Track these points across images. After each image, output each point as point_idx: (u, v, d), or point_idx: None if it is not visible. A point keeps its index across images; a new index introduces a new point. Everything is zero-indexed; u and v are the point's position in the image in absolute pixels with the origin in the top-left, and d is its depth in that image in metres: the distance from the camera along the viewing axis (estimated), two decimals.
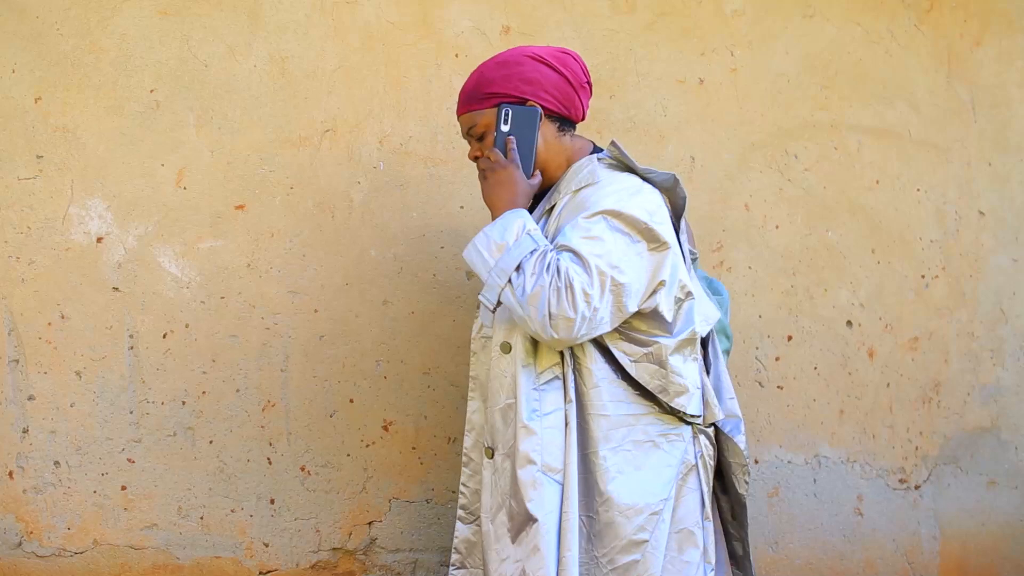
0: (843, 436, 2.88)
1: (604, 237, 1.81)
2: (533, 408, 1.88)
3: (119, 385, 2.38)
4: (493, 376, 1.95)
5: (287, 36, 2.47)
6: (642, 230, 1.84)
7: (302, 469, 2.48)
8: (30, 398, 2.35)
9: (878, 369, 2.92)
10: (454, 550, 2.08)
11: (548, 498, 1.86)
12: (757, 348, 2.80)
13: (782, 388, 2.84)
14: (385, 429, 2.53)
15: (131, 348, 2.39)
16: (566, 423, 1.88)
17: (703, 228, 2.73)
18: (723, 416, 2.00)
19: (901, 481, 2.94)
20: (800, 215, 2.85)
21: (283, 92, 2.47)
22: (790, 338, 2.84)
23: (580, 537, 1.87)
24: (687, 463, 1.94)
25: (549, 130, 1.98)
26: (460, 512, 2.07)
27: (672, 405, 1.91)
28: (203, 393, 2.42)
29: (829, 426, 2.87)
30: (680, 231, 1.99)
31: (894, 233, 2.93)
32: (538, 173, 1.97)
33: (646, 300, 1.86)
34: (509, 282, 1.81)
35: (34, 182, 2.35)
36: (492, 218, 1.92)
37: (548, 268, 1.78)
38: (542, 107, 1.95)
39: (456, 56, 2.57)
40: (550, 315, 1.77)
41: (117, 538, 2.39)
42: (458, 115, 2.02)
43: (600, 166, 1.96)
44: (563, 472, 1.87)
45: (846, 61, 2.90)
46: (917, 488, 2.96)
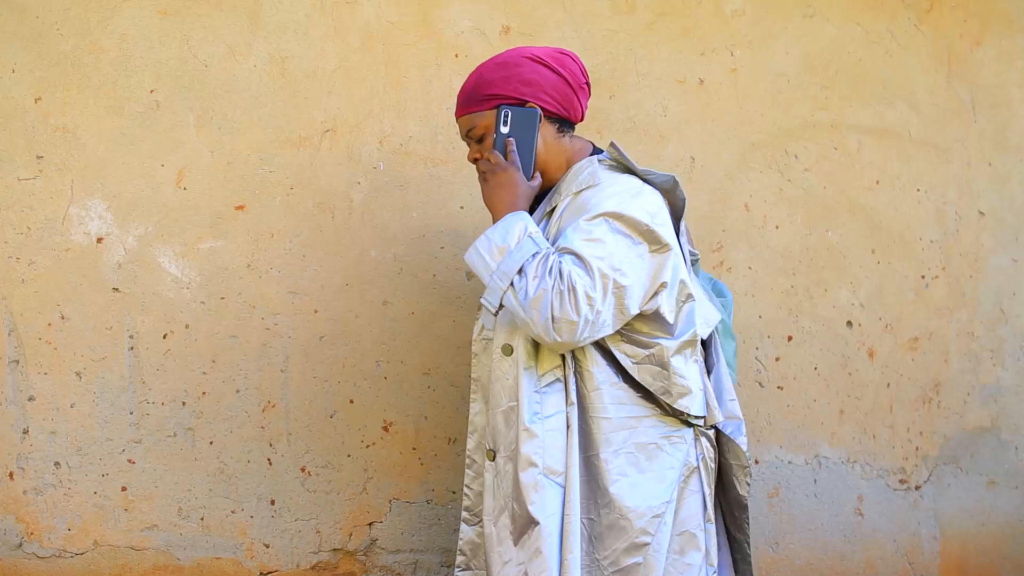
0: (843, 436, 2.88)
1: (606, 239, 1.81)
2: (534, 411, 1.88)
3: (119, 386, 2.38)
4: (495, 378, 1.95)
5: (287, 36, 2.47)
6: (643, 232, 1.84)
7: (302, 470, 2.48)
8: (30, 399, 2.35)
9: (878, 369, 2.92)
10: (459, 551, 2.08)
11: (550, 501, 1.86)
12: (757, 348, 2.80)
13: (782, 388, 2.83)
14: (385, 430, 2.53)
15: (131, 349, 2.39)
16: (567, 425, 1.88)
17: (703, 228, 2.73)
18: (723, 418, 2.00)
19: (901, 481, 2.94)
20: (800, 215, 2.85)
21: (283, 92, 2.47)
22: (790, 338, 2.84)
23: (582, 540, 1.87)
24: (689, 465, 1.94)
25: (548, 131, 1.98)
26: (464, 514, 2.07)
27: (675, 407, 1.90)
28: (203, 394, 2.42)
29: (829, 426, 2.87)
30: (680, 233, 1.99)
31: (894, 233, 2.93)
32: (538, 175, 1.97)
33: (647, 302, 1.86)
34: (511, 285, 1.80)
35: (34, 182, 2.35)
36: (493, 221, 1.91)
37: (550, 271, 1.78)
38: (541, 108, 1.95)
39: (456, 56, 2.57)
40: (553, 318, 1.77)
41: (117, 539, 2.39)
42: (457, 117, 2.02)
43: (601, 167, 1.96)
44: (565, 475, 1.87)
45: (846, 61, 2.89)
46: (917, 488, 2.96)
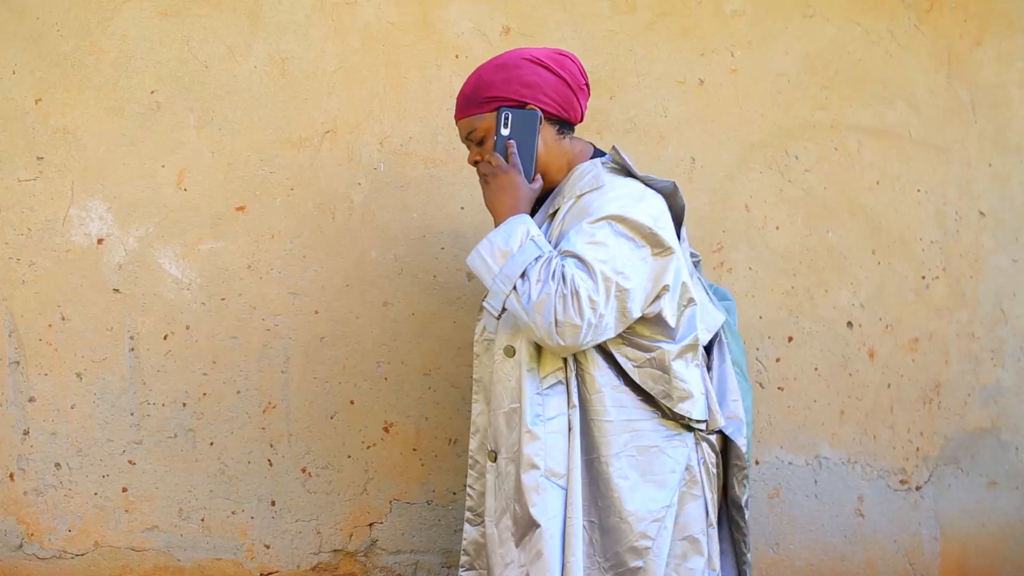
0: (844, 437, 2.88)
1: (609, 243, 1.81)
2: (536, 413, 1.87)
3: (120, 387, 2.38)
4: (496, 380, 1.94)
5: (287, 37, 2.47)
6: (646, 235, 1.84)
7: (303, 471, 2.48)
8: (31, 400, 2.35)
9: (878, 370, 2.92)
10: (463, 552, 2.08)
11: (551, 503, 1.85)
12: (758, 349, 2.80)
13: (783, 389, 2.83)
14: (386, 430, 2.53)
15: (132, 350, 2.39)
16: (569, 428, 1.88)
17: (703, 229, 2.73)
18: (724, 422, 1.99)
19: (902, 482, 2.94)
20: (800, 216, 2.85)
21: (283, 93, 2.47)
22: (790, 339, 2.84)
23: (583, 542, 1.87)
24: (690, 469, 1.93)
25: (549, 133, 1.97)
26: (468, 514, 2.07)
27: (676, 411, 1.90)
28: (204, 395, 2.42)
29: (830, 427, 2.87)
30: (681, 238, 1.99)
31: (894, 234, 2.93)
32: (539, 177, 1.96)
33: (649, 305, 1.86)
34: (514, 289, 1.80)
35: (34, 183, 2.35)
36: (495, 224, 1.91)
37: (553, 275, 1.77)
38: (542, 110, 1.94)
39: (456, 57, 2.57)
40: (556, 322, 1.76)
41: (118, 540, 2.39)
42: (456, 120, 2.01)
43: (604, 170, 1.95)
44: (567, 477, 1.87)
45: (846, 61, 2.89)
46: (918, 489, 2.96)
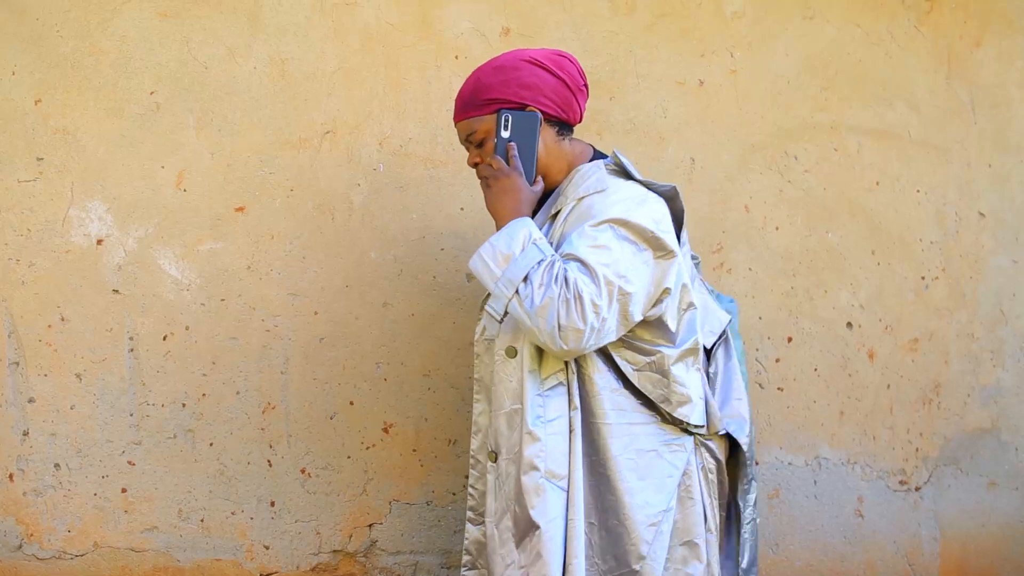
0: (843, 437, 2.88)
1: (611, 246, 1.80)
2: (537, 414, 1.87)
3: (119, 387, 2.38)
4: (498, 380, 1.94)
5: (287, 38, 2.47)
6: (649, 239, 1.83)
7: (302, 471, 2.48)
8: (30, 400, 2.35)
9: (878, 370, 2.92)
10: (465, 551, 2.07)
11: (551, 505, 1.85)
12: (757, 350, 2.80)
13: (782, 390, 2.83)
14: (385, 431, 2.53)
15: (131, 350, 2.39)
16: (571, 429, 1.87)
17: (703, 230, 2.73)
18: (723, 426, 1.98)
19: (901, 483, 2.94)
20: (800, 216, 2.85)
21: (283, 94, 2.47)
22: (790, 339, 2.84)
23: (584, 544, 1.86)
24: (688, 474, 1.93)
25: (549, 135, 1.97)
26: (469, 513, 2.07)
27: (675, 415, 1.90)
28: (203, 395, 2.42)
29: (829, 427, 2.87)
30: (681, 242, 1.98)
31: (894, 234, 2.93)
32: (540, 179, 1.96)
33: (650, 308, 1.86)
34: (516, 293, 1.79)
35: (34, 184, 2.35)
36: (497, 227, 1.90)
37: (556, 279, 1.76)
38: (541, 112, 1.94)
39: (456, 58, 2.57)
40: (559, 327, 1.76)
41: (117, 540, 2.39)
42: (456, 122, 2.00)
43: (606, 173, 1.94)
44: (567, 479, 1.86)
45: (846, 62, 2.89)
46: (918, 489, 2.95)
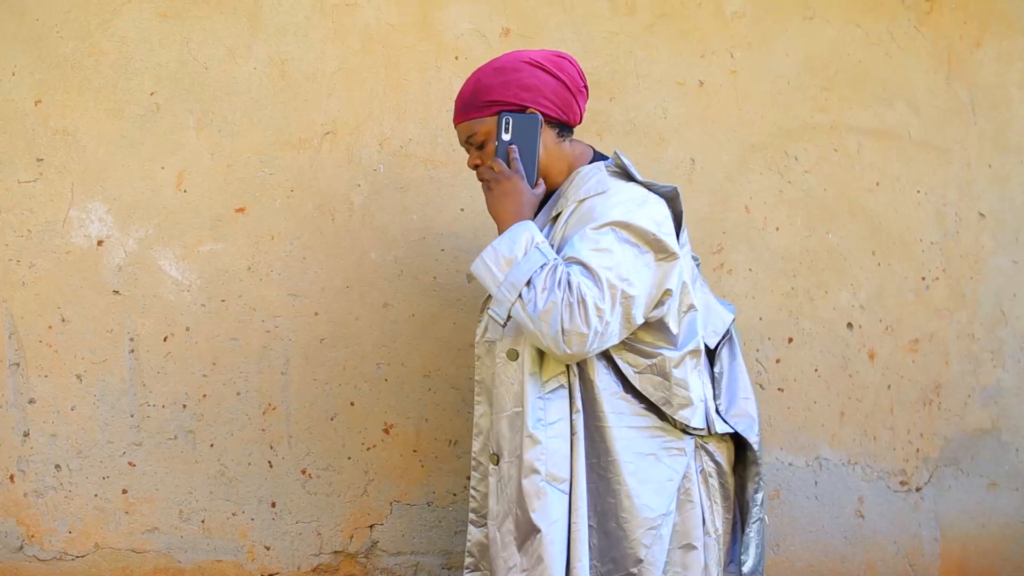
0: (844, 438, 2.88)
1: (613, 249, 1.79)
2: (538, 417, 1.86)
3: (120, 388, 2.38)
4: (499, 383, 1.93)
5: (287, 38, 2.47)
6: (650, 241, 1.83)
7: (303, 472, 2.48)
8: (31, 401, 2.35)
9: (878, 371, 2.92)
10: (467, 553, 2.07)
11: (552, 508, 1.84)
12: (758, 350, 2.80)
13: (783, 390, 2.83)
14: (386, 432, 2.53)
15: (132, 351, 2.39)
16: (573, 432, 1.87)
17: (703, 230, 2.73)
18: (722, 430, 1.97)
19: (902, 483, 2.94)
20: (800, 217, 2.85)
21: (283, 95, 2.47)
22: (791, 340, 2.84)
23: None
24: (688, 477, 1.92)
25: (549, 136, 1.96)
26: (471, 515, 2.07)
27: (675, 418, 1.90)
28: (204, 396, 2.42)
29: (830, 428, 2.87)
30: (682, 242, 1.96)
31: (894, 235, 2.93)
32: (541, 181, 1.95)
33: (652, 310, 1.85)
34: (520, 297, 1.78)
35: (34, 185, 2.35)
36: (498, 231, 1.89)
37: (559, 283, 1.76)
38: (542, 113, 1.93)
39: (456, 58, 2.57)
40: (563, 331, 1.75)
41: (118, 542, 2.39)
42: (456, 124, 1.99)
43: (607, 174, 1.94)
44: (569, 482, 1.86)
45: (846, 63, 2.89)
46: (918, 490, 2.95)
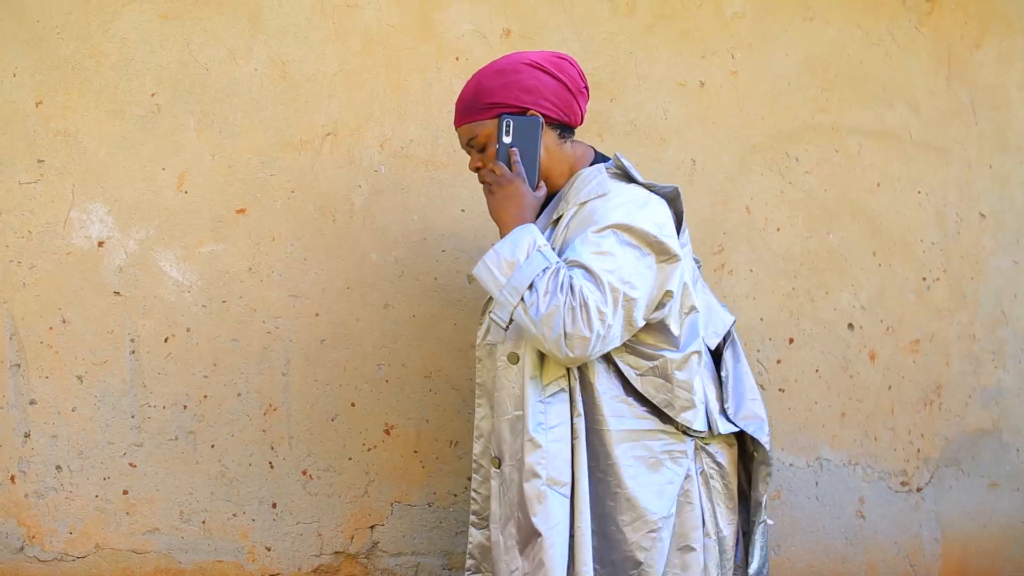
0: (844, 439, 2.88)
1: (615, 252, 1.79)
2: (539, 421, 1.86)
3: (120, 389, 2.38)
4: (500, 386, 1.93)
5: (288, 40, 2.47)
6: (652, 243, 1.82)
7: (304, 473, 2.48)
8: (31, 402, 2.35)
9: (879, 371, 2.92)
10: (468, 555, 2.07)
11: (553, 512, 1.84)
12: (758, 351, 2.80)
13: (783, 391, 2.83)
14: (387, 433, 2.53)
15: (132, 352, 2.39)
16: (575, 436, 1.86)
17: (704, 231, 2.73)
18: (726, 430, 1.97)
19: (903, 483, 2.94)
20: (801, 217, 2.85)
21: (284, 96, 2.47)
22: (791, 341, 2.84)
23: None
24: (689, 479, 1.92)
25: (550, 138, 1.96)
26: (472, 518, 2.07)
27: (678, 420, 1.89)
28: (204, 397, 2.42)
29: (831, 428, 2.87)
30: (682, 243, 1.95)
31: (895, 235, 2.93)
32: (543, 184, 1.95)
33: (652, 312, 1.85)
34: (522, 300, 1.78)
35: (35, 186, 2.35)
36: (500, 234, 1.89)
37: (561, 287, 1.76)
38: (542, 115, 1.93)
39: (456, 59, 2.57)
40: (565, 335, 1.75)
41: (119, 542, 2.39)
42: (456, 126, 1.99)
43: (607, 177, 1.94)
44: (571, 485, 1.85)
45: (846, 63, 2.89)
46: (919, 490, 2.95)
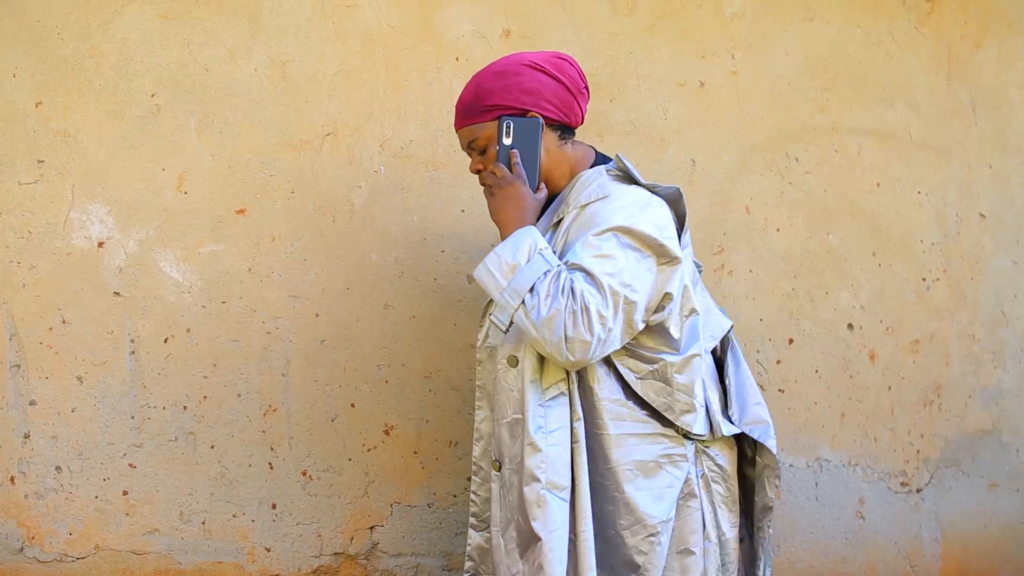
0: (844, 439, 2.88)
1: (615, 255, 1.79)
2: (539, 424, 1.86)
3: (120, 390, 2.38)
4: (500, 389, 1.93)
5: (288, 40, 2.47)
6: (652, 246, 1.82)
7: (303, 474, 2.48)
8: (31, 403, 2.35)
9: (879, 372, 2.92)
10: (467, 557, 2.07)
11: (553, 516, 1.83)
12: (758, 351, 2.80)
13: (783, 391, 2.83)
14: (386, 433, 2.53)
15: (132, 353, 2.39)
16: (574, 440, 1.86)
17: (704, 231, 2.73)
18: (724, 433, 1.96)
19: (903, 484, 2.94)
20: (801, 218, 2.85)
21: (284, 96, 2.46)
22: (791, 341, 2.84)
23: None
24: (689, 483, 1.92)
25: (551, 139, 1.96)
26: (471, 520, 2.07)
27: (678, 424, 1.89)
28: (204, 398, 2.42)
29: (830, 429, 2.87)
30: (683, 244, 1.95)
31: (895, 236, 2.93)
32: (543, 186, 1.95)
33: (652, 314, 1.85)
34: (523, 303, 1.77)
35: (35, 187, 2.35)
36: (501, 236, 1.89)
37: (563, 290, 1.75)
38: (543, 117, 1.92)
39: (456, 60, 2.57)
40: (566, 338, 1.75)
41: (119, 543, 2.39)
42: (457, 128, 1.99)
43: (608, 179, 1.93)
44: (571, 490, 1.85)
45: (846, 63, 2.89)
46: (919, 491, 2.96)
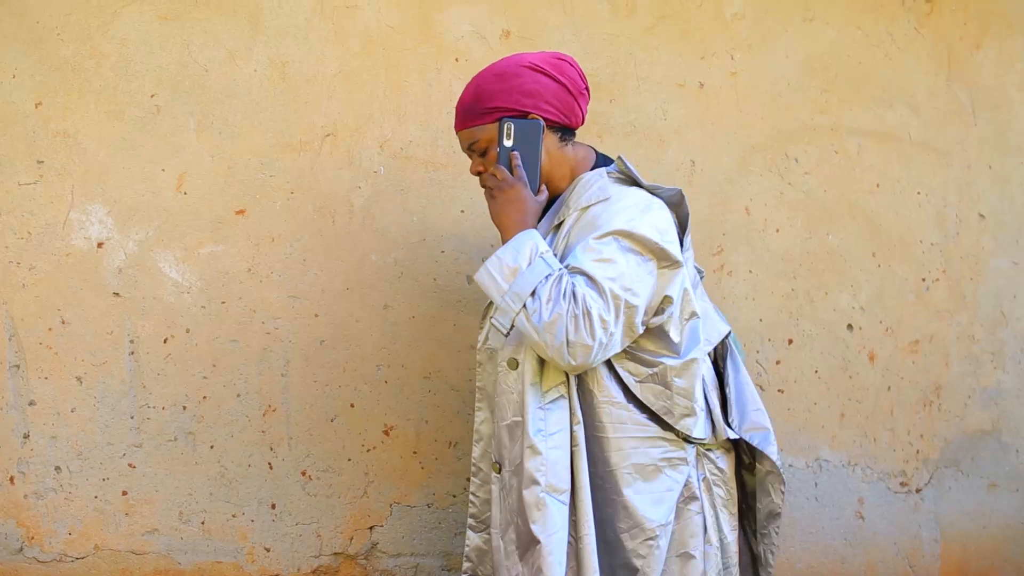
0: (844, 439, 2.88)
1: (616, 259, 1.79)
2: (539, 427, 1.85)
3: (120, 390, 2.38)
4: (500, 391, 1.93)
5: (287, 41, 2.47)
6: (653, 249, 1.82)
7: (303, 474, 2.48)
8: (31, 403, 2.35)
9: (879, 372, 2.92)
10: (465, 558, 2.07)
11: (552, 519, 1.83)
12: (758, 352, 2.80)
13: (783, 392, 2.83)
14: (386, 434, 2.53)
15: (132, 353, 2.39)
16: (574, 443, 1.86)
17: (703, 232, 2.73)
18: (728, 436, 1.96)
19: (902, 484, 2.94)
20: (800, 218, 2.85)
21: (283, 97, 2.47)
22: (791, 341, 2.84)
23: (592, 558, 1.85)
24: (689, 486, 1.92)
25: (551, 141, 1.95)
26: (470, 520, 2.06)
27: (677, 427, 1.89)
28: (204, 398, 2.42)
29: (830, 429, 2.87)
30: (685, 246, 1.95)
31: (894, 236, 2.93)
32: (544, 188, 1.94)
33: (652, 317, 1.84)
34: (524, 307, 1.77)
35: (35, 187, 2.35)
36: (502, 239, 1.89)
37: (564, 294, 1.75)
38: (543, 118, 1.92)
39: (456, 60, 2.57)
40: (568, 342, 1.74)
41: (118, 543, 2.39)
42: (457, 130, 1.98)
43: (609, 181, 1.93)
44: (570, 493, 1.84)
45: (846, 64, 2.89)
46: (918, 491, 2.96)
